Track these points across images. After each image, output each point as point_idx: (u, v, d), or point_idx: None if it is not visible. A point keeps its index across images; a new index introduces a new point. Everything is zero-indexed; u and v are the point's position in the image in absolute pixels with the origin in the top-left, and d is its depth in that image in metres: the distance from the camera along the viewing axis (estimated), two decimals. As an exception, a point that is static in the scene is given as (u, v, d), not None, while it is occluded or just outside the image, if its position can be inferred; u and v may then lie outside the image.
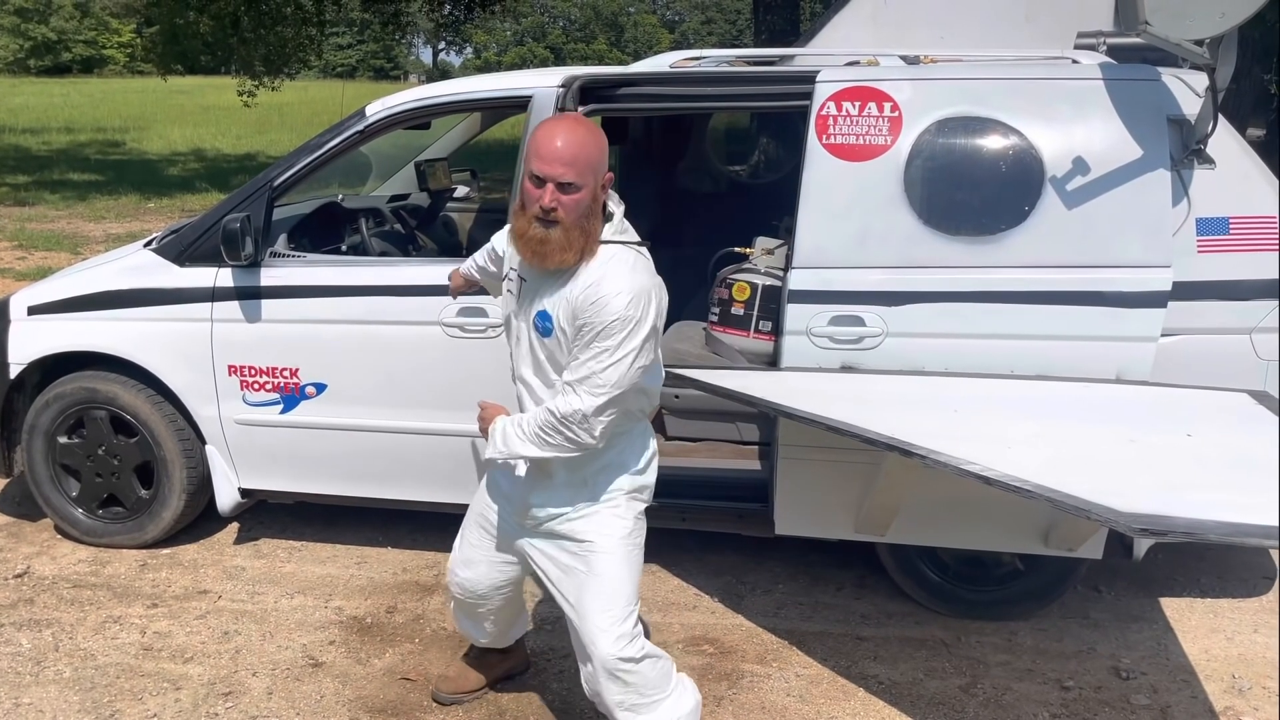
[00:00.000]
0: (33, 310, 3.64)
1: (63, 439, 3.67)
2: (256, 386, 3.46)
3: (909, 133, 2.95)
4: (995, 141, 2.92)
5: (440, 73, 68.01)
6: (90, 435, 3.64)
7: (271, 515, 3.99)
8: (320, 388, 3.43)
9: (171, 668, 3.04)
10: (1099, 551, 3.03)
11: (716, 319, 3.30)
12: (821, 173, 2.98)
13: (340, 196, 4.37)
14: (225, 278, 3.41)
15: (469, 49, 78.55)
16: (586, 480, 2.30)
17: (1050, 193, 2.87)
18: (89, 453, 3.66)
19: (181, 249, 3.50)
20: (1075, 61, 3.11)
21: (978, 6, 3.49)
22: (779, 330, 3.05)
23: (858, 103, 2.98)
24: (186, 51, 16.92)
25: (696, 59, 3.60)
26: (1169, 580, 3.59)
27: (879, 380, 2.90)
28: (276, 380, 3.44)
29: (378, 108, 3.44)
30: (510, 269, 2.33)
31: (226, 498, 3.60)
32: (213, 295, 3.42)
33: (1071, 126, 2.91)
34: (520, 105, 3.31)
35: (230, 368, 3.45)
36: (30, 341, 3.62)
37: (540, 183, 2.08)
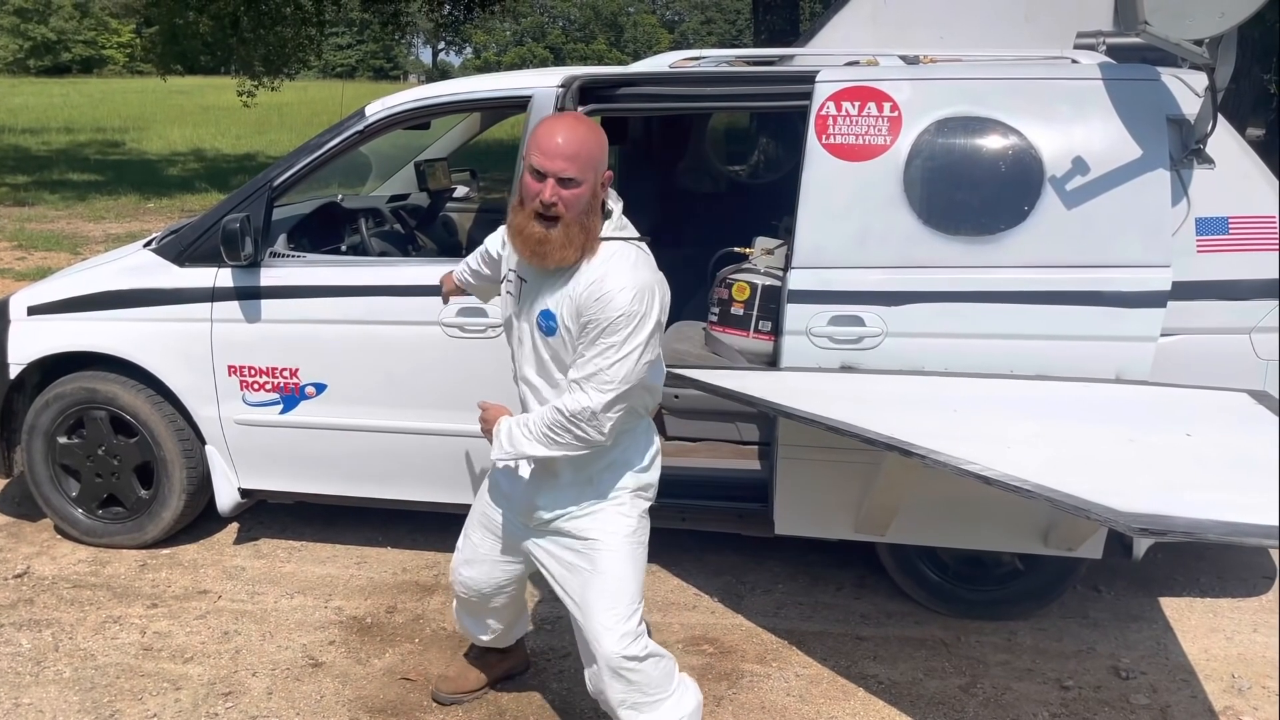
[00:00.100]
0: (32, 310, 3.65)
1: (62, 439, 3.67)
2: (256, 387, 3.46)
3: (908, 133, 2.95)
4: (995, 141, 2.93)
5: (440, 73, 68.00)
6: (90, 435, 3.65)
7: (271, 515, 3.99)
8: (320, 388, 3.43)
9: (171, 668, 3.04)
10: (1098, 551, 3.03)
11: (716, 319, 3.29)
12: (821, 173, 2.98)
13: (340, 196, 4.36)
14: (225, 278, 3.41)
15: (468, 49, 78.59)
16: (592, 479, 2.30)
17: (1050, 192, 2.87)
18: (89, 453, 3.67)
19: (181, 249, 3.50)
20: (1075, 61, 3.11)
21: (977, 6, 3.49)
22: (778, 330, 3.05)
23: (857, 103, 2.98)
24: (186, 51, 16.93)
25: (696, 59, 3.60)
26: (1168, 580, 3.59)
27: (878, 380, 2.90)
28: (276, 380, 3.44)
29: (377, 108, 3.44)
30: (509, 270, 2.32)
31: (226, 498, 3.60)
32: (212, 295, 3.43)
33: (1071, 126, 2.91)
34: (520, 105, 3.32)
35: (230, 368, 3.46)
36: (30, 342, 3.62)
37: (541, 177, 2.07)
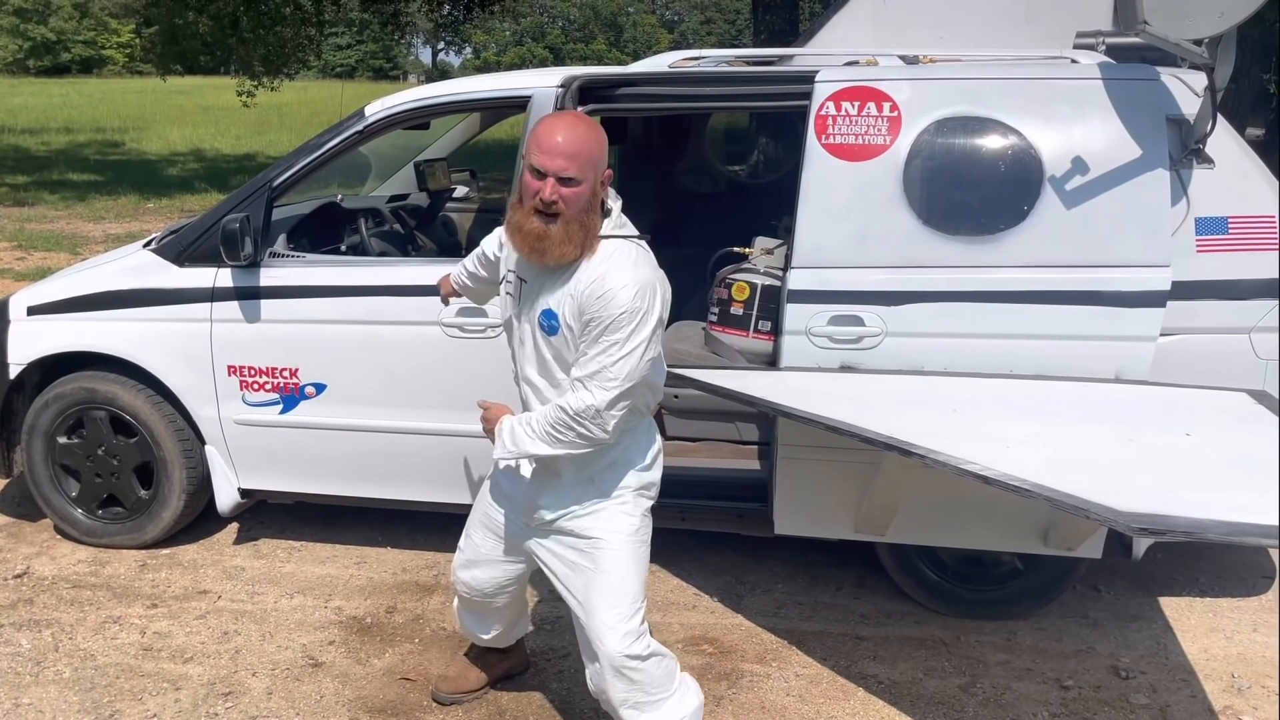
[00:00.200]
0: (32, 310, 3.65)
1: (62, 439, 3.67)
2: (256, 387, 3.46)
3: (908, 132, 2.95)
4: (994, 141, 2.93)
5: (439, 73, 67.98)
6: (90, 435, 3.65)
7: (271, 515, 3.99)
8: (320, 388, 3.43)
9: (171, 668, 3.04)
10: (1098, 551, 3.03)
11: (716, 319, 3.30)
12: (821, 172, 2.98)
13: (340, 197, 4.36)
14: (225, 278, 3.41)
15: (468, 49, 78.56)
16: (594, 478, 2.30)
17: (1049, 192, 2.87)
18: (88, 453, 3.67)
19: (181, 249, 3.50)
20: (1074, 61, 3.11)
21: (977, 6, 3.49)
22: (778, 330, 3.05)
23: (857, 103, 2.98)
24: (185, 52, 16.94)
25: (695, 59, 3.60)
26: (1168, 579, 3.59)
27: (878, 380, 2.90)
28: (276, 380, 3.44)
29: (377, 108, 3.44)
30: (508, 270, 2.32)
31: (226, 498, 3.60)
32: (212, 295, 3.43)
33: (1070, 126, 2.91)
34: (519, 105, 3.32)
35: (230, 368, 3.46)
36: (30, 342, 3.62)
37: (540, 176, 2.08)
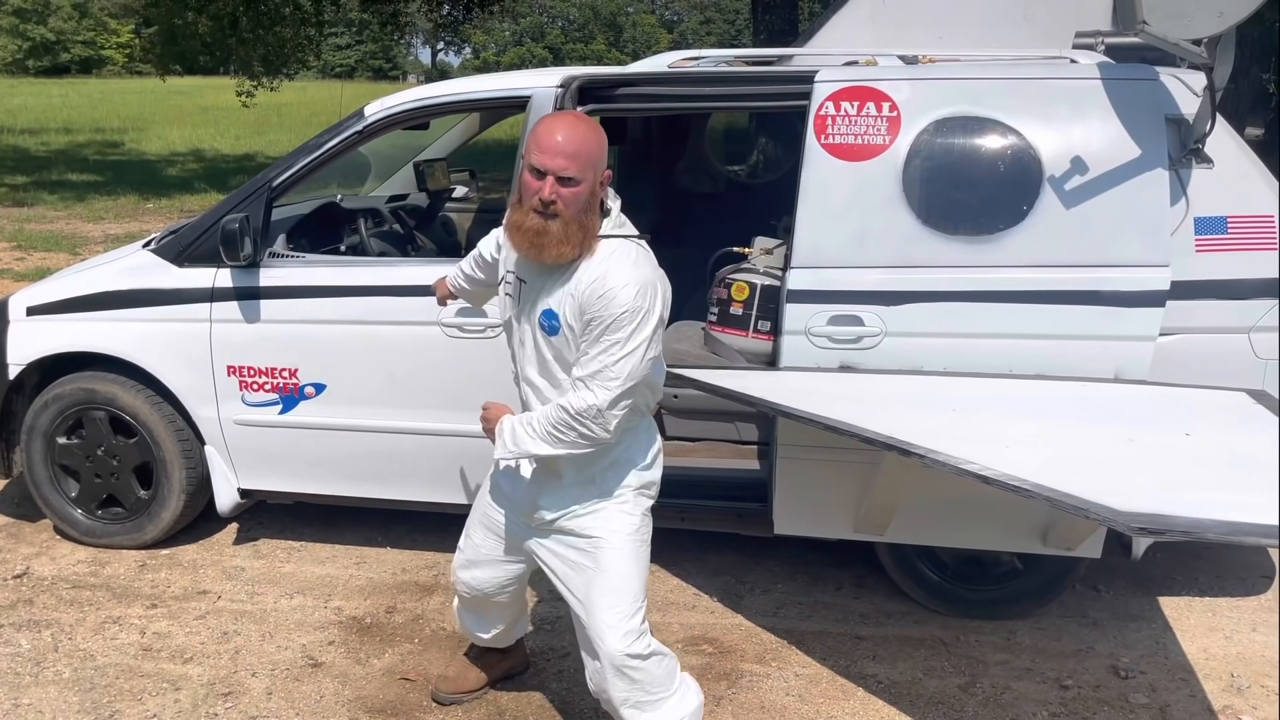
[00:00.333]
0: (32, 311, 3.65)
1: (62, 440, 3.67)
2: (255, 387, 3.46)
3: (907, 132, 2.95)
4: (993, 141, 2.93)
5: (439, 73, 68.00)
6: (89, 436, 3.64)
7: (271, 515, 3.99)
8: (319, 388, 3.43)
9: (171, 668, 3.04)
10: (1098, 551, 3.03)
11: (715, 319, 3.30)
12: (820, 172, 2.98)
13: (339, 197, 4.36)
14: (224, 278, 3.41)
15: (467, 49, 78.59)
16: (594, 478, 2.30)
17: (1048, 192, 2.87)
18: (88, 453, 3.66)
19: (180, 249, 3.50)
20: (1073, 61, 3.11)
21: (976, 6, 3.49)
22: (778, 330, 3.05)
23: (856, 102, 2.98)
24: (185, 52, 16.94)
25: (695, 59, 3.60)
26: (1167, 579, 3.59)
27: (877, 380, 2.90)
28: (275, 381, 3.44)
29: (376, 108, 3.44)
30: (507, 271, 2.32)
31: (225, 498, 3.60)
32: (211, 296, 3.43)
33: (1070, 126, 2.91)
34: (519, 105, 3.32)
35: (229, 368, 3.46)
36: (29, 342, 3.62)
37: (540, 175, 2.08)
